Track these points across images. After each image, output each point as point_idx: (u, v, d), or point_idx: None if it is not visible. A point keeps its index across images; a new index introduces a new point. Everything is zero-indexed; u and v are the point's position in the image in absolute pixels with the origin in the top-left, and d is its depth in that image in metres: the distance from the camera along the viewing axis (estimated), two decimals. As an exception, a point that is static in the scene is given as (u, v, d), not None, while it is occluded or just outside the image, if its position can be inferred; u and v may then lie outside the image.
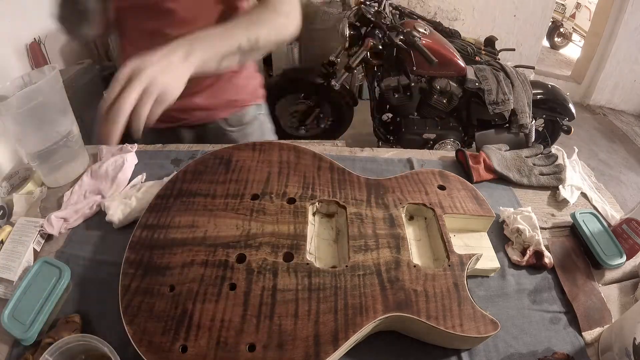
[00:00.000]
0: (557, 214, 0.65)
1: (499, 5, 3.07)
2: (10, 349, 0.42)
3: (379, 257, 0.47)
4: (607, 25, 3.35)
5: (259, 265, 0.44)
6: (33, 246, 0.51)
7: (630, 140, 3.26)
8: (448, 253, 0.48)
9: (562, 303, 0.51)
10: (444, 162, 0.73)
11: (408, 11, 2.39)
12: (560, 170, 0.70)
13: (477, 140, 1.96)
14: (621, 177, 2.73)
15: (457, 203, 0.55)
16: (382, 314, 0.41)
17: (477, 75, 1.89)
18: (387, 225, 0.51)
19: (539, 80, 2.09)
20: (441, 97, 1.92)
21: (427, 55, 1.65)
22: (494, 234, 0.59)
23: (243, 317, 0.40)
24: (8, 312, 0.42)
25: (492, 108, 1.85)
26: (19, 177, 0.62)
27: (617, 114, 3.65)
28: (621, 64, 3.45)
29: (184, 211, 0.50)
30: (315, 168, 0.58)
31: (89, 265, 0.50)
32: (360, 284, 0.44)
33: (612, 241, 0.57)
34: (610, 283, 0.55)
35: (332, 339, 0.39)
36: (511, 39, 3.19)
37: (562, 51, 5.18)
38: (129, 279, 0.43)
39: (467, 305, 0.43)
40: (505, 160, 0.71)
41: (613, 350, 0.44)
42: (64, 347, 0.37)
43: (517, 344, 0.46)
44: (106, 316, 0.44)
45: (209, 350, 0.37)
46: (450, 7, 3.06)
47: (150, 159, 0.68)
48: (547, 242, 0.58)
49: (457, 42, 2.26)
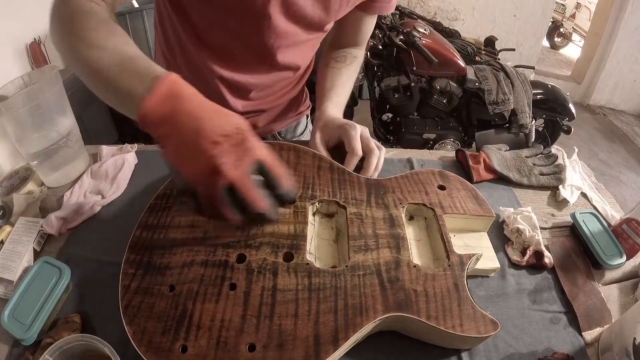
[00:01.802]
0: (557, 214, 0.65)
1: (499, 5, 3.07)
2: (10, 349, 0.42)
3: (379, 257, 0.47)
4: (607, 25, 3.35)
5: (259, 265, 0.44)
6: (33, 246, 0.51)
7: (630, 140, 3.26)
8: (448, 253, 0.48)
9: (562, 303, 0.51)
10: (444, 162, 0.73)
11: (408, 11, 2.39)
12: (560, 170, 0.70)
13: (477, 140, 1.96)
14: (621, 177, 2.73)
15: (457, 203, 0.55)
16: (382, 314, 0.41)
17: (477, 75, 1.89)
18: (387, 225, 0.51)
19: (539, 80, 2.09)
20: (441, 97, 1.92)
21: (427, 55, 1.65)
22: (494, 234, 0.59)
23: (243, 317, 0.40)
24: (8, 312, 0.42)
25: (492, 108, 1.85)
26: (19, 177, 0.62)
27: (617, 114, 3.65)
28: (621, 64, 3.46)
29: (184, 211, 0.50)
30: (315, 168, 0.58)
31: (89, 265, 0.50)
32: (360, 284, 0.44)
33: (612, 241, 0.57)
34: (610, 283, 0.55)
35: (332, 339, 0.39)
36: (511, 39, 3.19)
37: (562, 51, 5.19)
38: (129, 279, 0.43)
39: (467, 305, 0.43)
40: (505, 160, 0.71)
41: (613, 350, 0.44)
42: (64, 347, 0.37)
43: (517, 344, 0.46)
44: (106, 316, 0.44)
45: (209, 350, 0.37)
46: (450, 7, 3.06)
47: (150, 159, 0.68)
48: (547, 242, 0.58)
49: (457, 42, 2.27)
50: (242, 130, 0.39)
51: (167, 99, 0.38)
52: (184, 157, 0.38)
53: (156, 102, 0.38)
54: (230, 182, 0.37)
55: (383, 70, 1.95)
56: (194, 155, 0.37)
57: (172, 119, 0.38)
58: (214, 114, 0.39)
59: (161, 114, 0.38)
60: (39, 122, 0.57)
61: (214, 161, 0.36)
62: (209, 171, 0.37)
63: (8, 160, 0.63)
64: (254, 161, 0.38)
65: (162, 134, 0.38)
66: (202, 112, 0.39)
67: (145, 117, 0.38)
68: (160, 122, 0.38)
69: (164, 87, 0.38)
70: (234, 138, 0.38)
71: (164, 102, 0.38)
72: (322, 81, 0.75)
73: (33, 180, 0.61)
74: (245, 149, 0.38)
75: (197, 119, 0.38)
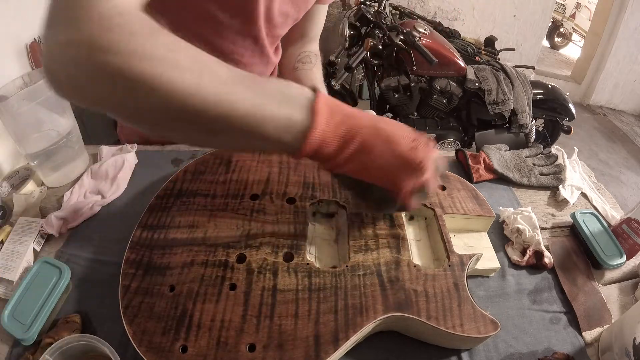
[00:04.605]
0: (557, 214, 0.65)
1: (499, 5, 3.07)
2: (10, 349, 0.42)
3: (379, 257, 0.47)
4: (607, 25, 3.35)
5: (259, 265, 0.44)
6: (33, 246, 0.51)
7: (630, 140, 3.26)
8: (448, 253, 0.48)
9: (562, 303, 0.51)
10: (444, 162, 0.73)
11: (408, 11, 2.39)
12: (560, 170, 0.70)
13: (477, 140, 1.96)
14: (621, 177, 2.73)
15: (457, 203, 0.55)
16: (382, 314, 0.41)
17: (477, 75, 1.89)
18: (387, 225, 0.51)
19: (539, 80, 2.09)
20: (441, 97, 1.92)
21: (427, 55, 1.65)
22: (494, 234, 0.59)
23: (243, 317, 0.40)
24: (8, 312, 0.42)
25: (492, 108, 1.85)
26: (19, 177, 0.62)
27: (617, 114, 3.65)
28: (621, 64, 3.45)
29: (184, 211, 0.50)
30: (316, 168, 0.57)
31: (89, 265, 0.50)
32: (361, 284, 0.44)
33: (612, 241, 0.57)
34: (610, 283, 0.55)
35: (333, 339, 0.39)
36: (511, 39, 3.19)
37: (562, 51, 5.18)
38: (129, 279, 0.43)
39: (467, 306, 0.43)
40: (505, 160, 0.71)
41: (613, 350, 0.44)
42: (64, 347, 0.37)
43: (517, 344, 0.46)
44: (106, 316, 0.44)
45: (209, 350, 0.37)
46: (450, 7, 3.06)
47: (150, 159, 0.68)
48: (547, 242, 0.58)
49: (457, 42, 2.27)
50: (414, 132, 0.41)
51: (333, 117, 0.35)
52: (379, 170, 0.39)
53: (328, 126, 0.34)
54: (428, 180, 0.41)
55: (383, 70, 1.95)
56: (396, 164, 0.39)
57: (356, 137, 0.36)
58: (387, 123, 0.39)
59: (341, 136, 0.36)
60: (39, 122, 0.57)
61: (423, 165, 0.39)
62: (416, 173, 0.40)
63: (8, 160, 0.63)
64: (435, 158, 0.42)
65: (349, 156, 0.37)
66: (378, 122, 0.38)
67: (322, 146, 0.35)
68: (343, 145, 0.36)
69: (325, 107, 0.35)
70: (418, 141, 0.40)
71: (334, 122, 0.35)
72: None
73: (33, 180, 0.61)
74: (430, 147, 0.41)
75: (379, 129, 0.38)
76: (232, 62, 0.31)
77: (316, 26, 0.75)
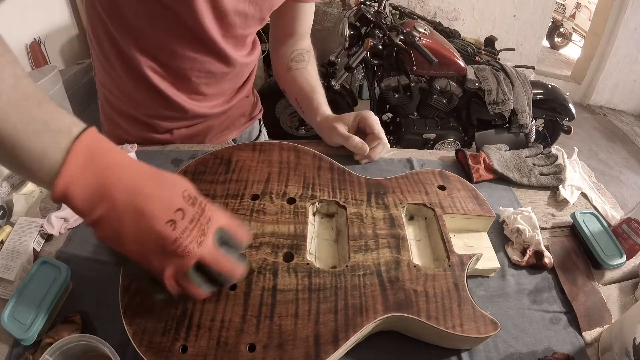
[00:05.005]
0: (557, 214, 0.65)
1: (499, 5, 3.07)
2: (10, 349, 0.42)
3: (379, 257, 0.47)
4: (607, 25, 3.35)
5: (259, 266, 0.44)
6: (33, 246, 0.51)
7: (630, 140, 3.27)
8: (448, 253, 0.48)
9: (562, 303, 0.51)
10: (444, 162, 0.73)
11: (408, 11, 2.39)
12: (560, 170, 0.70)
13: (477, 140, 1.96)
14: (621, 177, 2.73)
15: (457, 203, 0.55)
16: (382, 314, 0.41)
17: (477, 75, 1.89)
18: (387, 225, 0.51)
19: (539, 80, 2.09)
20: (441, 97, 1.92)
21: (427, 55, 1.65)
22: (494, 234, 0.59)
23: (243, 317, 0.40)
24: (8, 312, 0.42)
25: (492, 108, 1.85)
26: (19, 177, 0.62)
27: (617, 114, 3.65)
28: (621, 64, 3.46)
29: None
30: (316, 168, 0.58)
31: (89, 265, 0.50)
32: (361, 284, 0.44)
33: (612, 241, 0.57)
34: (610, 283, 0.55)
35: (333, 339, 0.39)
36: (511, 39, 3.19)
37: (562, 51, 5.19)
38: (129, 279, 0.43)
39: (467, 306, 0.43)
40: (505, 160, 0.71)
41: (613, 350, 0.44)
42: (64, 347, 0.37)
43: (517, 344, 0.46)
44: (106, 316, 0.44)
45: (209, 350, 0.37)
46: (450, 7, 3.06)
47: (150, 159, 0.68)
48: (547, 242, 0.58)
49: (457, 42, 2.27)
50: (194, 197, 0.34)
51: (90, 165, 0.30)
52: (132, 245, 0.32)
53: (84, 175, 0.29)
54: (199, 261, 0.33)
55: (383, 70, 1.95)
56: (149, 242, 0.31)
57: (104, 199, 0.30)
58: (155, 183, 0.33)
59: (90, 192, 0.30)
60: (39, 122, 0.57)
61: (177, 246, 0.31)
62: (173, 256, 0.32)
63: (8, 160, 0.63)
64: (217, 231, 0.35)
65: (97, 219, 0.30)
66: (140, 182, 0.32)
67: (68, 196, 0.29)
68: (90, 205, 0.30)
69: (84, 152, 0.29)
70: (190, 211, 0.33)
71: (90, 172, 0.29)
72: (296, 86, 0.73)
73: (33, 180, 0.61)
74: (206, 220, 0.34)
75: (137, 194, 0.31)
76: (183, 61, 0.28)
77: (305, 24, 0.74)
